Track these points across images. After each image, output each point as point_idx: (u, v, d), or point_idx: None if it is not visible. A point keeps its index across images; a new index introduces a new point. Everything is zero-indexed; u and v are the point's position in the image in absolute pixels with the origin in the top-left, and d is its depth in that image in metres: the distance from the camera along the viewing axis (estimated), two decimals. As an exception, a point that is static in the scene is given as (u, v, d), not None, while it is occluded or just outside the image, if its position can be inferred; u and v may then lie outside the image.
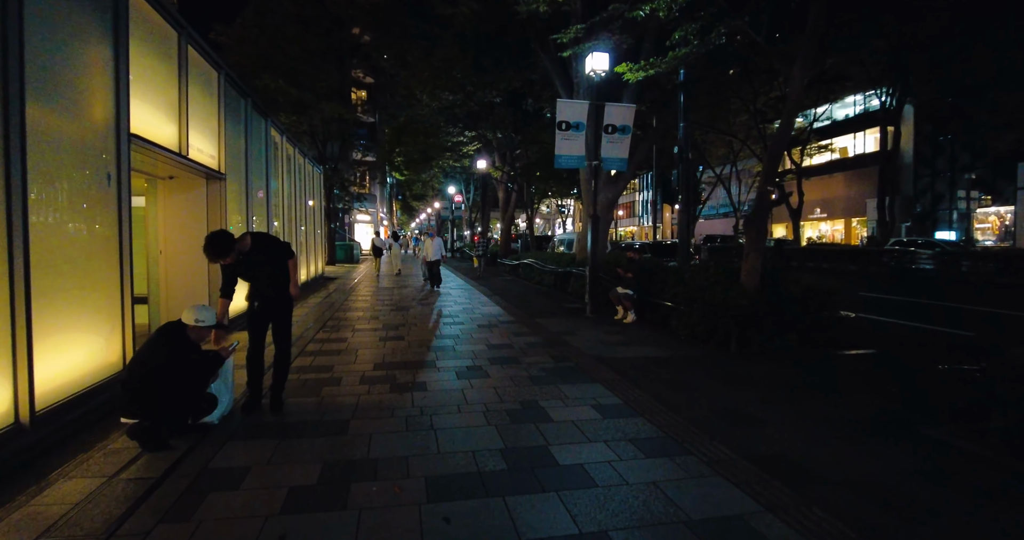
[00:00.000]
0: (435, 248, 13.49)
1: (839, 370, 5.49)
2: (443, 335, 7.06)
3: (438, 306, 10.02)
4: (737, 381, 4.97)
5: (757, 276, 7.01)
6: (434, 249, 13.45)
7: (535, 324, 7.96)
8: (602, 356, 5.90)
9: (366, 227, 44.59)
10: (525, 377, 4.99)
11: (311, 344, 6.44)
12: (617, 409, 4.11)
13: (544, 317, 8.70)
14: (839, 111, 38.08)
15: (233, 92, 7.72)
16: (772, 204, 14.21)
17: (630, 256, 8.55)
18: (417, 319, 8.45)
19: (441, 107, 16.64)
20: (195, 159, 6.11)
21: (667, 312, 7.86)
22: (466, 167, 24.31)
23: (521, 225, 41.75)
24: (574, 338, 6.91)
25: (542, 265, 14.24)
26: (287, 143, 11.42)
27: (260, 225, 9.34)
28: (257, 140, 9.10)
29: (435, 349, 6.20)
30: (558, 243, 19.42)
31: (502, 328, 7.62)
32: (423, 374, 5.08)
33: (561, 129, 8.77)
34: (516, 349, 6.20)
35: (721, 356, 6.06)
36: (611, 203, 12.17)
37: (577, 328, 7.70)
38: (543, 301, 10.95)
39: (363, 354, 5.91)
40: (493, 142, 19.61)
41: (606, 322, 8.27)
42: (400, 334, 7.10)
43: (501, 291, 12.76)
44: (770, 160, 7.12)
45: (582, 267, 11.32)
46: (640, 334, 7.29)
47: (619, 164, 9.18)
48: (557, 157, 8.89)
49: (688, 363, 5.66)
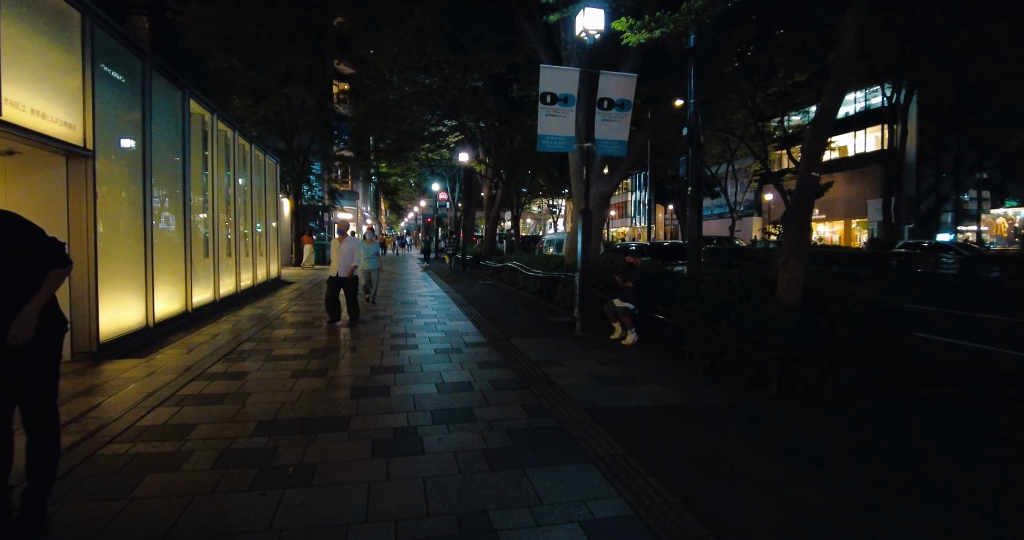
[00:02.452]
0: (347, 254, 7.79)
1: (937, 431, 3.80)
2: (383, 367, 5.30)
3: (392, 321, 8.26)
4: (800, 455, 3.27)
5: (799, 289, 5.33)
6: (346, 255, 7.78)
7: (510, 348, 6.22)
8: (595, 405, 4.18)
9: (350, 226, 42.64)
10: (479, 452, 3.25)
11: (193, 382, 4.66)
12: (624, 531, 2.39)
13: (523, 336, 6.97)
14: (840, 109, 36.82)
15: (117, 47, 5.92)
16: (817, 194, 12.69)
17: (630, 261, 6.85)
18: (359, 340, 6.68)
19: (415, 91, 14.85)
20: (21, 124, 4.31)
21: (678, 332, 6.17)
22: (446, 159, 22.48)
23: (509, 225, 40.12)
24: (559, 371, 5.18)
25: (526, 269, 12.51)
26: (223, 124, 9.60)
27: (174, 224, 7.53)
28: (166, 115, 7.29)
29: (362, 393, 4.44)
30: (546, 244, 17.71)
31: (466, 355, 5.88)
32: (321, 447, 3.32)
33: (545, 102, 7.04)
34: (477, 393, 4.46)
35: (759, 402, 4.37)
36: (605, 198, 10.48)
37: (564, 353, 5.98)
38: (525, 313, 9.22)
39: (254, 403, 4.14)
40: (476, 132, 17.85)
41: (600, 344, 6.56)
42: (325, 366, 5.32)
43: (477, 299, 11.02)
44: (815, 138, 5.45)
45: (571, 273, 9.62)
46: (645, 364, 5.58)
47: (616, 148, 7.46)
48: (541, 138, 7.16)
49: (717, 417, 3.96)
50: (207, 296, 8.81)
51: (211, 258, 9.08)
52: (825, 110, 5.41)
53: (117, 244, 5.99)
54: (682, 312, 6.07)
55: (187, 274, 7.73)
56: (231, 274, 10.21)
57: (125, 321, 6.01)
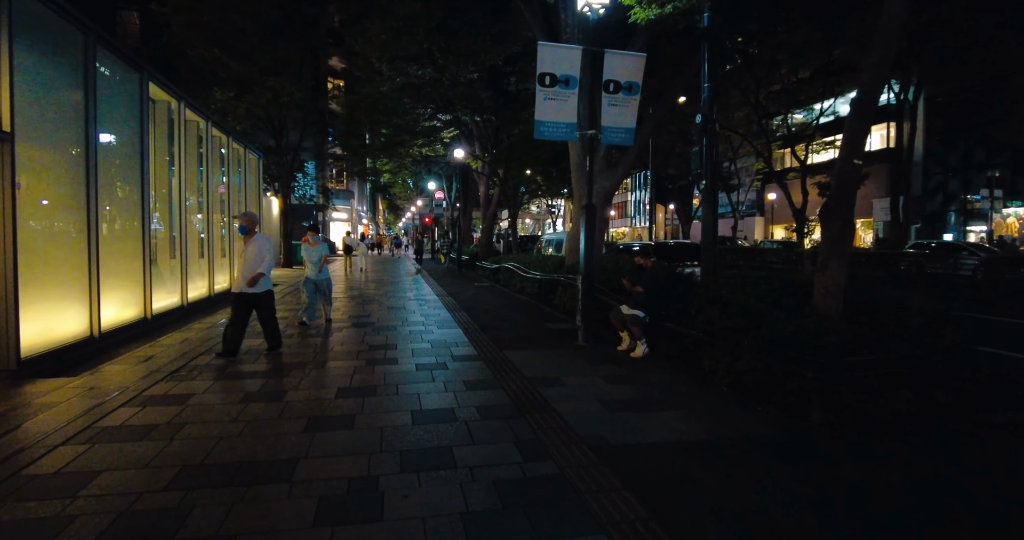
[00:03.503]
0: (253, 258, 5.38)
1: None
2: (352, 389, 4.51)
3: (375, 329, 7.48)
4: (862, 512, 2.50)
5: (840, 295, 4.57)
6: (252, 261, 5.38)
7: (503, 362, 5.44)
8: (605, 441, 3.40)
9: (344, 225, 41.85)
10: (455, 517, 2.47)
11: (121, 409, 3.86)
12: None
13: (519, 347, 6.19)
14: (841, 107, 36.02)
15: (51, 17, 5.13)
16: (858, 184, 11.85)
17: (640, 263, 6.06)
18: (331, 353, 5.90)
19: (407, 83, 14.07)
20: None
21: (695, 344, 5.39)
22: (441, 156, 21.65)
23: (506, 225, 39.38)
24: (560, 393, 4.40)
25: (524, 270, 11.74)
26: (193, 113, 8.82)
27: (126, 222, 6.75)
28: (120, 99, 6.51)
29: (320, 424, 3.67)
30: (545, 244, 16.93)
31: (453, 371, 5.10)
32: (250, 507, 2.54)
33: (544, 84, 6.26)
34: (460, 424, 3.68)
35: (799, 433, 3.60)
36: (608, 195, 9.70)
37: (565, 369, 5.21)
38: (522, 319, 8.45)
39: (184, 439, 3.35)
40: (472, 127, 17.07)
41: (606, 356, 5.79)
42: (284, 386, 4.53)
43: (470, 303, 10.24)
44: (856, 119, 4.68)
45: (572, 275, 8.85)
46: (659, 382, 4.81)
47: (623, 136, 6.68)
48: (538, 125, 6.38)
49: (754, 456, 3.19)
50: (172, 301, 8.02)
51: (179, 259, 8.30)
52: (868, 87, 4.63)
53: (51, 242, 5.21)
54: (701, 321, 5.30)
55: (146, 277, 6.94)
56: (203, 277, 9.42)
57: (59, 331, 5.22)
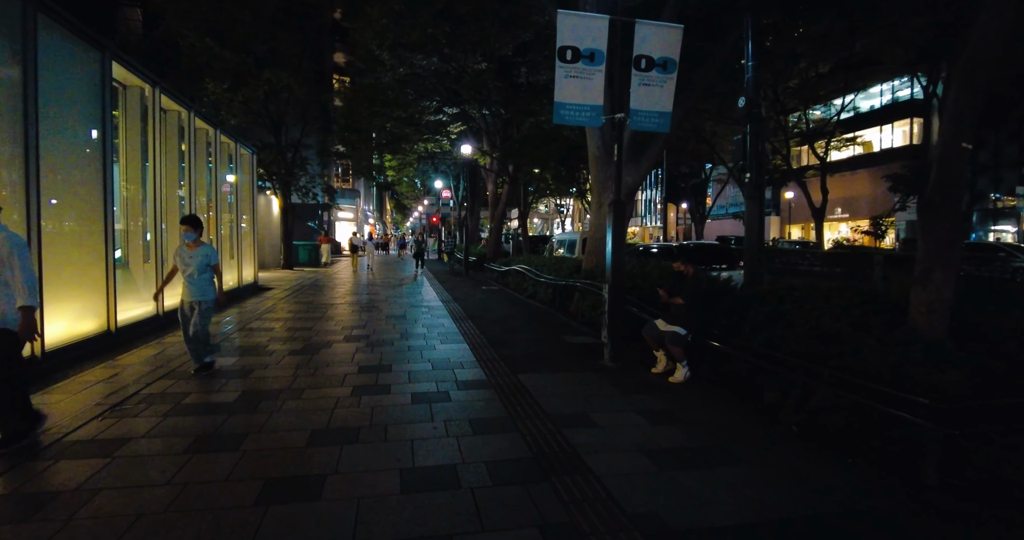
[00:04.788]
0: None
1: None
2: (330, 433, 3.60)
3: (369, 343, 6.58)
4: None
5: (947, 314, 3.59)
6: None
7: (517, 390, 4.51)
8: (663, 524, 2.46)
9: (349, 225, 41.13)
10: None
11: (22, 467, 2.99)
12: None
13: (535, 368, 5.26)
14: (863, 102, 34.71)
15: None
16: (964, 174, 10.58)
17: (680, 269, 5.11)
18: (313, 377, 5.00)
19: (411, 73, 13.17)
20: None
21: (749, 369, 4.44)
22: (448, 151, 20.69)
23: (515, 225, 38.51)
24: (591, 440, 3.46)
25: (536, 274, 10.81)
26: (171, 101, 7.97)
27: (82, 221, 5.89)
28: (73, 80, 5.65)
29: (278, 493, 2.75)
30: (556, 245, 15.99)
31: (456, 404, 4.17)
32: None
33: (565, 60, 5.32)
34: (463, 494, 2.75)
35: (915, 506, 2.65)
36: (632, 190, 8.76)
37: (593, 400, 4.27)
38: (535, 330, 7.51)
39: (86, 519, 2.46)
40: (480, 121, 16.15)
41: (639, 381, 4.85)
42: (246, 428, 3.63)
43: (478, 311, 9.32)
44: (967, 91, 3.70)
45: (591, 281, 7.91)
46: (712, 421, 3.86)
47: (656, 121, 5.72)
48: (558, 107, 5.44)
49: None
50: (145, 310, 7.17)
51: (154, 263, 7.45)
52: (980, 50, 3.64)
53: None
54: (758, 342, 4.34)
55: (109, 284, 6.08)
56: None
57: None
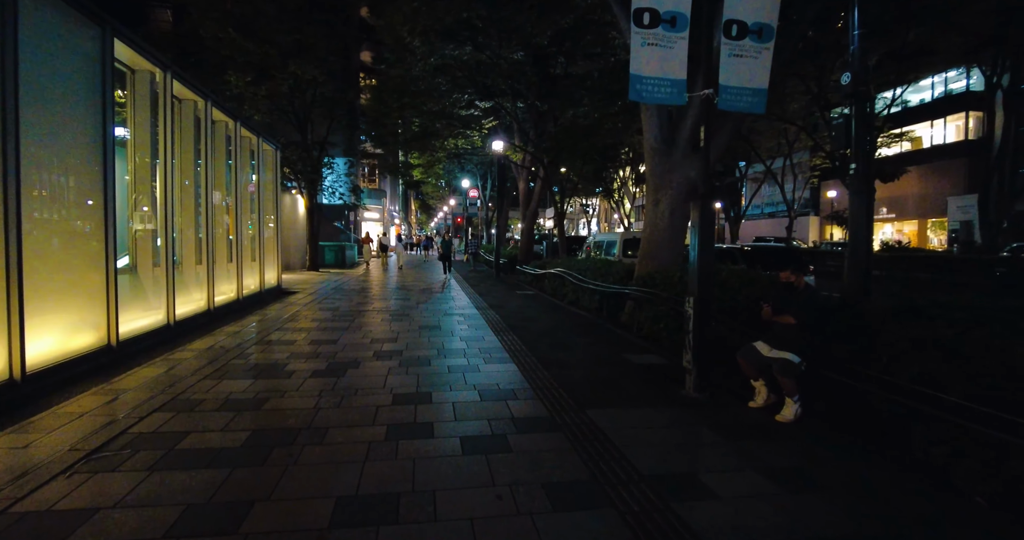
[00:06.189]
0: None
1: None
2: (357, 506, 2.71)
3: (404, 361, 5.72)
4: None
5: None
6: None
7: (591, 433, 3.57)
8: None
9: (376, 226, 40.70)
10: None
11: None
12: None
13: (606, 401, 4.31)
14: (911, 95, 32.63)
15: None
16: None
17: (788, 280, 4.10)
18: (339, 412, 4.15)
19: (442, 63, 12.34)
20: None
21: (890, 410, 3.41)
22: (478, 147, 19.82)
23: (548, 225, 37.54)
24: (715, 522, 2.47)
25: (580, 279, 9.83)
26: (185, 89, 7.26)
27: (75, 219, 5.16)
28: (66, 58, 4.92)
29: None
30: (594, 246, 14.99)
31: (518, 455, 3.25)
32: None
33: (642, 24, 4.36)
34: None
35: None
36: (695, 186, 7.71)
37: (695, 454, 3.30)
38: (590, 347, 6.53)
39: None
40: (513, 115, 15.25)
41: (739, 420, 3.86)
42: (251, 491, 2.78)
43: (518, 320, 8.40)
44: None
45: (649, 289, 6.91)
46: (859, 487, 2.85)
47: (749, 100, 4.71)
48: (634, 81, 4.47)
49: None
50: (155, 319, 6.46)
51: (163, 267, 6.74)
52: None
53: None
54: (908, 377, 3.32)
55: (110, 292, 5.35)
56: (201, 287, 7.86)
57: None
